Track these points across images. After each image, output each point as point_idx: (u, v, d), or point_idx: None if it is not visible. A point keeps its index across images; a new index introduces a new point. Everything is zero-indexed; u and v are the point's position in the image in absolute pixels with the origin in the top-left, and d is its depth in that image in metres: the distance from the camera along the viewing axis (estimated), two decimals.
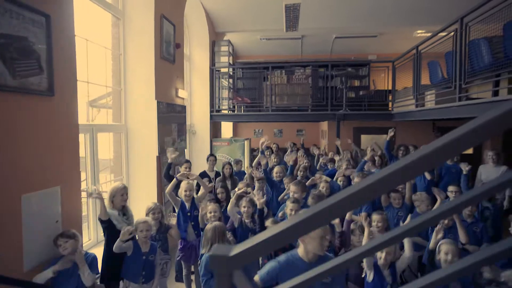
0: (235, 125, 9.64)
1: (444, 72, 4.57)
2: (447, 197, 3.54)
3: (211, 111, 6.95)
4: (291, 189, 3.50)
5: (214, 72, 6.92)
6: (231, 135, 9.17)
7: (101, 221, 2.83)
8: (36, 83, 2.32)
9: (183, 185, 3.57)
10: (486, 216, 3.79)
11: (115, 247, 2.72)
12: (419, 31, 7.80)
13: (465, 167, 3.98)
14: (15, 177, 2.18)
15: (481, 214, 3.78)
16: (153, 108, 4.32)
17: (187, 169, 4.15)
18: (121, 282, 2.92)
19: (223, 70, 7.37)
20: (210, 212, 3.17)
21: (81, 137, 3.52)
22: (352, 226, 2.80)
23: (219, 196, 3.94)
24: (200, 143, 7.01)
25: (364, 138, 7.50)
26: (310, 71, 7.01)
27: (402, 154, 5.54)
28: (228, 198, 3.96)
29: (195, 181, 3.93)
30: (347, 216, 2.84)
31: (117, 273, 2.86)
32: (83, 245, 3.28)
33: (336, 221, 2.82)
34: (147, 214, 3.16)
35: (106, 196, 2.95)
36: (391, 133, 5.45)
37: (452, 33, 3.95)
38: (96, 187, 3.05)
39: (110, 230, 2.86)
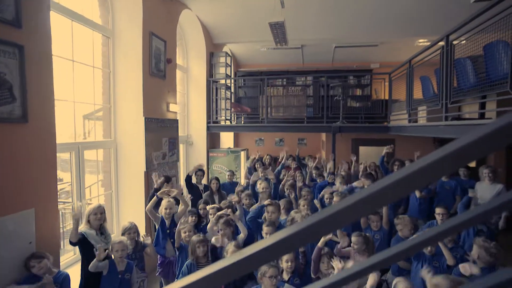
0: (236, 134, 9.69)
1: (435, 87, 4.47)
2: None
3: (208, 122, 7.02)
4: (267, 209, 3.50)
5: (211, 84, 6.99)
6: (232, 145, 9.22)
7: (71, 243, 2.90)
8: (7, 112, 2.42)
9: (164, 202, 3.63)
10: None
11: (91, 267, 2.80)
12: (421, 41, 7.65)
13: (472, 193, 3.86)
14: None
15: (476, 236, 3.67)
16: (140, 124, 4.41)
17: (168, 186, 4.20)
18: None
19: (222, 81, 7.45)
20: (185, 232, 3.21)
21: (67, 155, 3.64)
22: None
23: (201, 212, 3.97)
24: (197, 154, 7.09)
25: (362, 149, 7.39)
26: (309, 81, 6.97)
27: (398, 169, 5.44)
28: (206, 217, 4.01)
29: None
30: (319, 243, 2.81)
31: None
32: (66, 260, 3.39)
33: None
34: (123, 234, 3.23)
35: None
36: (388, 149, 5.39)
37: (439, 50, 3.86)
38: (81, 205, 3.14)
39: (85, 249, 2.95)
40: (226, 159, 7.11)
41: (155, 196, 3.60)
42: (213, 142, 7.57)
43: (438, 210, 3.63)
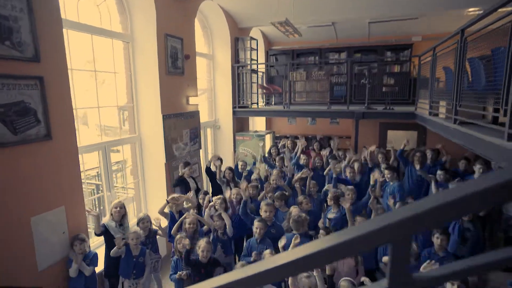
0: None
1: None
2: None
3: (233, 107, 7.31)
4: (262, 207, 3.79)
5: (236, 69, 7.15)
6: (264, 125, 9.44)
7: (96, 234, 3.61)
8: (34, 134, 3.01)
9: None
10: (466, 237, 3.65)
11: (112, 253, 3.49)
12: (471, 9, 6.70)
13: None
14: (24, 203, 2.96)
15: (461, 235, 3.69)
16: (159, 121, 4.89)
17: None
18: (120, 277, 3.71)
19: (253, 66, 7.54)
20: (189, 224, 3.68)
21: (95, 154, 4.30)
22: None
23: (201, 201, 4.43)
24: (224, 137, 7.52)
25: (391, 134, 7.08)
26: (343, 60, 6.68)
27: (418, 161, 5.25)
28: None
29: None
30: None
31: (117, 270, 3.64)
32: (95, 242, 4.16)
33: None
34: (138, 223, 3.84)
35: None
36: (406, 144, 5.23)
37: (455, 44, 3.51)
38: (91, 209, 3.79)
39: (107, 238, 3.63)
40: (251, 142, 7.42)
41: (165, 201, 4.11)
42: (241, 125, 7.90)
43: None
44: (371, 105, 6.35)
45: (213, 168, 5.56)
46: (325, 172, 5.49)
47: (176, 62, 5.17)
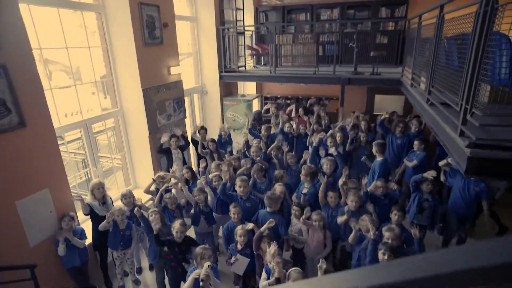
0: None
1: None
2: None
3: (220, 72, 7.16)
4: (237, 183, 3.96)
5: (221, 32, 6.86)
6: (255, 87, 9.27)
7: (84, 214, 3.86)
8: (7, 123, 3.06)
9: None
10: (424, 207, 3.96)
11: (100, 227, 3.77)
12: None
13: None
14: (7, 189, 3.13)
15: (420, 205, 4.00)
16: (139, 95, 4.88)
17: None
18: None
19: (240, 28, 7.20)
20: (177, 232, 3.47)
21: (77, 131, 4.38)
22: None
23: (186, 175, 4.62)
24: (212, 102, 7.49)
25: (378, 98, 7.02)
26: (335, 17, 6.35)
27: (400, 131, 5.32)
28: (194, 177, 4.68)
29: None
30: (262, 228, 3.28)
31: (105, 243, 3.95)
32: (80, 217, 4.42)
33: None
34: (121, 199, 4.07)
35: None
36: (385, 115, 5.28)
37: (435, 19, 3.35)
38: (76, 193, 3.96)
39: (93, 216, 3.88)
40: (239, 107, 7.42)
41: (152, 180, 4.27)
42: (229, 89, 7.80)
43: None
44: (360, 68, 6.20)
45: (197, 138, 5.67)
46: (307, 142, 5.59)
47: (154, 32, 4.97)
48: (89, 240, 3.89)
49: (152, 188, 4.37)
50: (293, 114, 6.89)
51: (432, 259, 0.41)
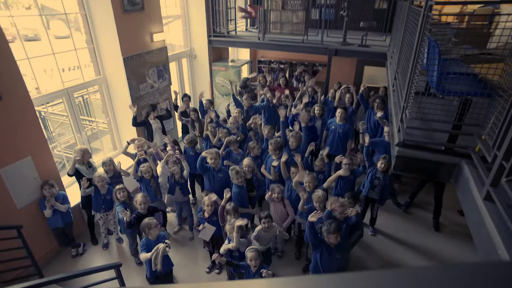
0: None
1: None
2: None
3: (208, 36, 7.03)
4: (208, 155, 4.19)
5: None
6: (248, 52, 9.08)
7: (69, 175, 4.17)
8: None
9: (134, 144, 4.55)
10: (375, 185, 4.27)
11: (81, 193, 4.10)
12: None
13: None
14: None
15: (371, 183, 4.30)
16: (120, 64, 4.92)
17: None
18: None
19: None
20: (140, 204, 3.75)
21: (60, 100, 4.54)
22: (227, 206, 3.56)
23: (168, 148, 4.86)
24: (200, 67, 7.47)
25: (367, 70, 6.91)
26: None
27: (377, 107, 5.37)
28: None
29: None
30: (223, 202, 3.59)
31: (90, 203, 4.31)
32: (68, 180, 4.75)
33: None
34: (102, 165, 4.36)
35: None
36: (363, 86, 5.30)
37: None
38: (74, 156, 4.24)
39: (79, 178, 4.18)
40: (227, 72, 7.39)
41: (126, 142, 4.51)
42: (219, 53, 7.71)
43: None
44: (353, 35, 6.04)
45: (180, 106, 5.80)
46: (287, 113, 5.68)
47: None
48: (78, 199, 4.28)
49: (132, 151, 4.62)
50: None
51: None
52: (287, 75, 8.10)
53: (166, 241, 3.16)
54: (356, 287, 0.38)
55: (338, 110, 5.12)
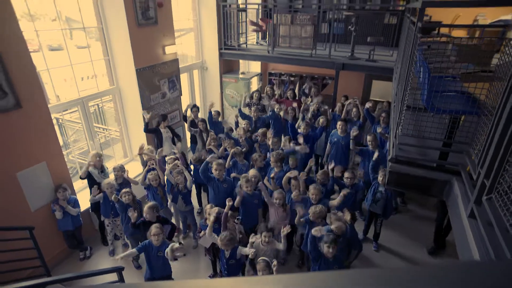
0: None
1: None
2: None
3: (219, 48, 7.25)
4: (213, 166, 4.31)
5: (221, 8, 6.85)
6: (260, 64, 9.25)
7: (81, 178, 4.37)
8: (4, 105, 3.47)
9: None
10: (377, 198, 4.29)
11: (90, 200, 4.27)
12: None
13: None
14: (8, 162, 3.62)
15: (373, 196, 4.34)
16: (133, 75, 5.16)
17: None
18: None
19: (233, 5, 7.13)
20: (146, 214, 3.82)
21: (71, 114, 4.78)
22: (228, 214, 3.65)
23: (176, 155, 5.00)
24: (211, 79, 7.68)
25: (376, 84, 6.95)
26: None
27: (383, 121, 5.39)
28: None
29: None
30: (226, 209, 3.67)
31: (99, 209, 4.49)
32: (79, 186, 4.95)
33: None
34: (113, 171, 4.53)
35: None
36: (368, 104, 5.36)
37: None
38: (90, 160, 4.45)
39: (91, 182, 4.38)
40: (237, 85, 7.57)
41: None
42: (230, 65, 7.92)
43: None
44: (362, 50, 6.13)
45: (189, 116, 5.98)
46: (296, 125, 5.79)
47: (147, 13, 5.11)
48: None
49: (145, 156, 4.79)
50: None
51: None
52: (296, 88, 8.23)
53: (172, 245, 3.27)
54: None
55: (339, 123, 5.19)
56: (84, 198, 4.60)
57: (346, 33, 7.37)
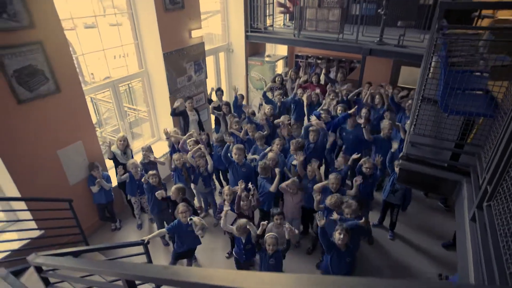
0: None
1: None
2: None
3: (246, 31, 7.24)
4: (233, 150, 4.48)
5: None
6: (286, 47, 9.11)
7: (108, 158, 4.75)
8: (46, 89, 3.80)
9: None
10: (396, 188, 4.31)
11: (117, 180, 4.64)
12: None
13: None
14: (50, 141, 4.01)
15: (392, 187, 4.35)
16: (160, 59, 5.35)
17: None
18: None
19: None
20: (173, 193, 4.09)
21: (104, 93, 5.11)
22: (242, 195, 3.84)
23: (199, 138, 5.21)
24: (237, 61, 7.73)
25: (404, 70, 6.66)
26: None
27: (408, 108, 5.27)
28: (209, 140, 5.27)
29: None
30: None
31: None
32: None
33: None
34: (142, 150, 4.84)
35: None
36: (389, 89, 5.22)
37: None
38: (104, 141, 4.76)
39: (115, 162, 4.74)
40: (262, 68, 7.58)
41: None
42: (256, 47, 7.90)
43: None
44: (391, 33, 5.87)
45: (214, 99, 6.15)
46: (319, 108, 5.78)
47: None
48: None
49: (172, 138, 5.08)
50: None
51: None
52: (322, 72, 8.08)
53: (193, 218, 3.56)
54: None
55: (363, 110, 5.09)
56: (114, 175, 4.99)
57: (377, 14, 7.06)
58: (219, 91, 6.15)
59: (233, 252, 3.95)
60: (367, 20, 6.33)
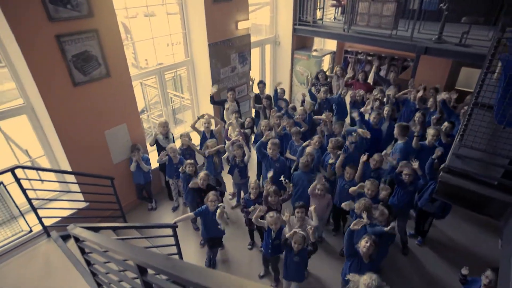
0: None
1: None
2: None
3: (293, 24, 7.10)
4: (269, 145, 4.45)
5: None
6: (335, 43, 8.79)
7: (150, 144, 4.98)
8: (98, 74, 4.08)
9: (203, 120, 5.09)
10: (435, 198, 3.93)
11: (157, 161, 4.87)
12: None
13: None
14: (99, 122, 4.33)
15: (430, 195, 4.02)
16: (205, 49, 5.46)
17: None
18: None
19: None
20: (200, 179, 4.19)
21: (153, 78, 5.37)
22: (270, 189, 3.80)
23: (247, 123, 5.24)
24: (283, 54, 7.64)
25: (464, 71, 6.03)
26: None
27: (463, 115, 4.81)
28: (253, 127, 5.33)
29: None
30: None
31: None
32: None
33: None
34: (180, 137, 5.02)
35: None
36: (444, 95, 4.78)
37: None
38: (155, 132, 5.05)
39: (158, 146, 4.99)
40: (308, 62, 7.40)
41: (197, 117, 5.10)
42: (303, 41, 7.72)
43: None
44: (451, 30, 5.36)
45: (255, 91, 6.15)
46: (362, 109, 5.51)
47: None
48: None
49: (200, 127, 5.18)
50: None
51: None
52: (372, 70, 7.67)
53: (220, 204, 3.67)
54: None
55: (417, 114, 4.85)
56: (154, 159, 5.25)
57: (440, 10, 6.46)
58: (261, 83, 6.13)
59: (261, 246, 3.96)
60: (426, 16, 5.83)
